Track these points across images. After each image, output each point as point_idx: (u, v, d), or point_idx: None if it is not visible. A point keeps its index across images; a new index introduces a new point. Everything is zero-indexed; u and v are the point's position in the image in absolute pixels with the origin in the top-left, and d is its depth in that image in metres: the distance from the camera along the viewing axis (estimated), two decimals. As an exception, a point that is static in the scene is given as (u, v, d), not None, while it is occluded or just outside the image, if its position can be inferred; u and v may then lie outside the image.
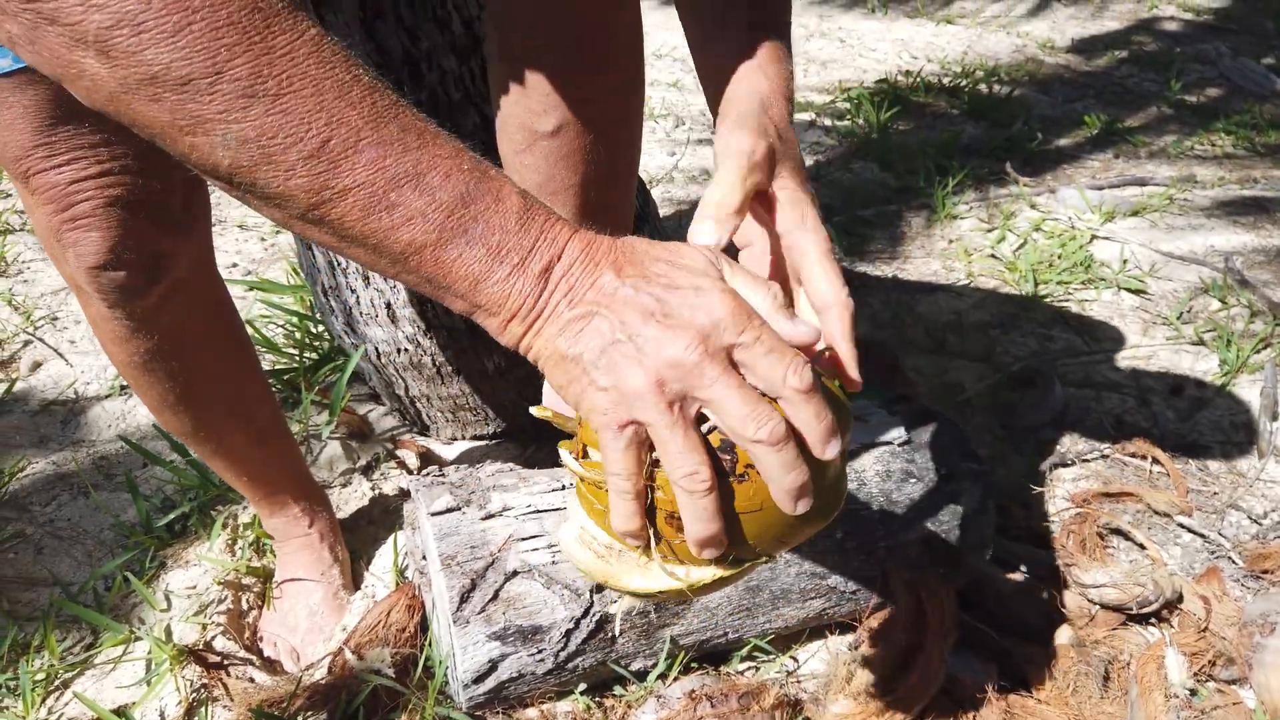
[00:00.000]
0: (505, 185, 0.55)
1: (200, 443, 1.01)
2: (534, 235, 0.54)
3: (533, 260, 0.54)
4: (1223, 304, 1.76)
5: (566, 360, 0.55)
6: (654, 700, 1.00)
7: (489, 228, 0.53)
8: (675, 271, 0.56)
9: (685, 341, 0.53)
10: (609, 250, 0.56)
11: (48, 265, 1.83)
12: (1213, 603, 1.11)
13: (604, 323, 0.54)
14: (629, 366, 0.54)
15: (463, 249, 0.53)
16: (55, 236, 0.79)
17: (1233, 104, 2.70)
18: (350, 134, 0.50)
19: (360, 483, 1.34)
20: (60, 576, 1.20)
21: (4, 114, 0.72)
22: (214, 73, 0.47)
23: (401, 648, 1.04)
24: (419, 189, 0.52)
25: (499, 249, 0.54)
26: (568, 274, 0.55)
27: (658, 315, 0.54)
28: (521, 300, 0.54)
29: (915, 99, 2.66)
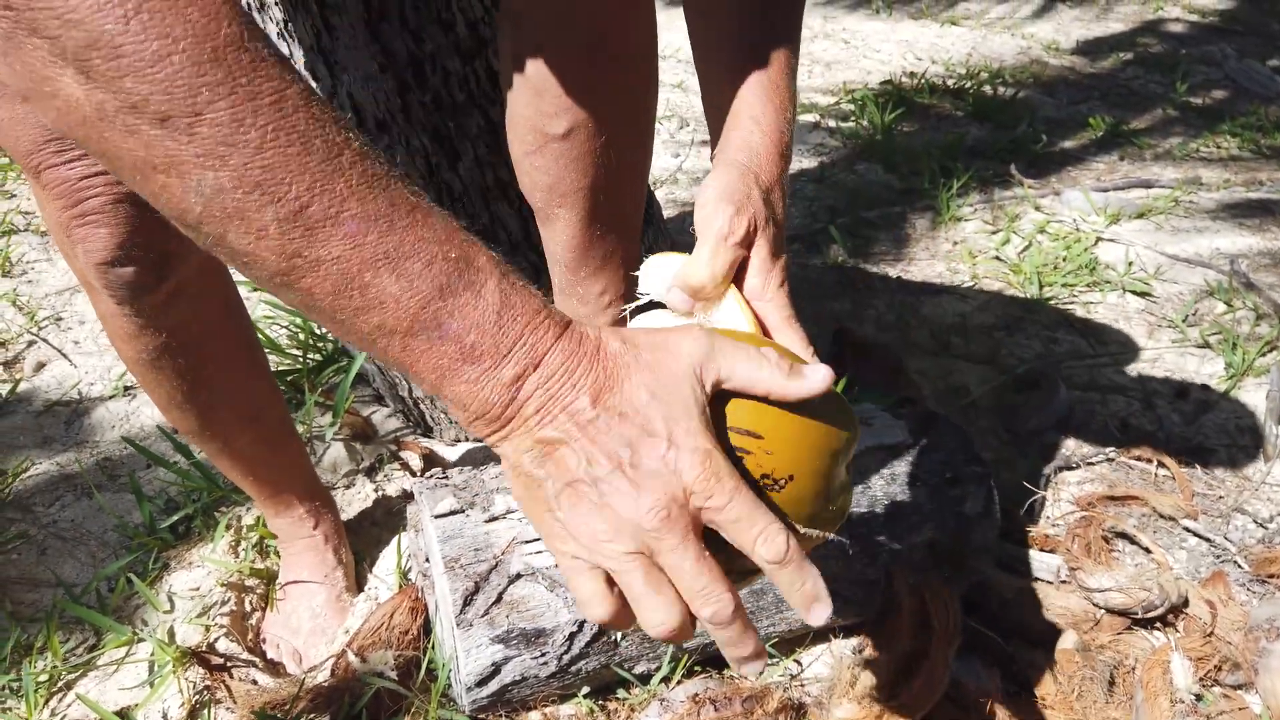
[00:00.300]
0: (491, 279, 0.51)
1: (207, 441, 1.01)
2: (511, 339, 0.51)
3: (505, 366, 0.51)
4: (1228, 307, 1.76)
5: (529, 478, 0.54)
6: (657, 704, 1.00)
7: (464, 325, 0.50)
8: (655, 409, 0.52)
9: (649, 505, 0.51)
10: (591, 366, 0.53)
11: (52, 266, 1.83)
12: (1218, 607, 1.11)
13: (572, 456, 0.52)
14: (589, 513, 0.52)
15: (433, 342, 0.50)
16: (65, 232, 0.79)
17: (1238, 106, 2.70)
18: (333, 203, 0.47)
19: (363, 484, 1.34)
20: (63, 578, 1.20)
21: (17, 109, 0.72)
22: (194, 113, 0.44)
23: (404, 650, 1.04)
24: (396, 274, 0.48)
25: (472, 349, 0.51)
26: (543, 387, 0.52)
27: (626, 466, 0.52)
28: (489, 406, 0.52)
29: (920, 100, 2.66)
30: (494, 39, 1.16)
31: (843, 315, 1.71)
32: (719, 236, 0.66)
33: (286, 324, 1.58)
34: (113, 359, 1.58)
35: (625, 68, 0.90)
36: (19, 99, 0.71)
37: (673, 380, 0.53)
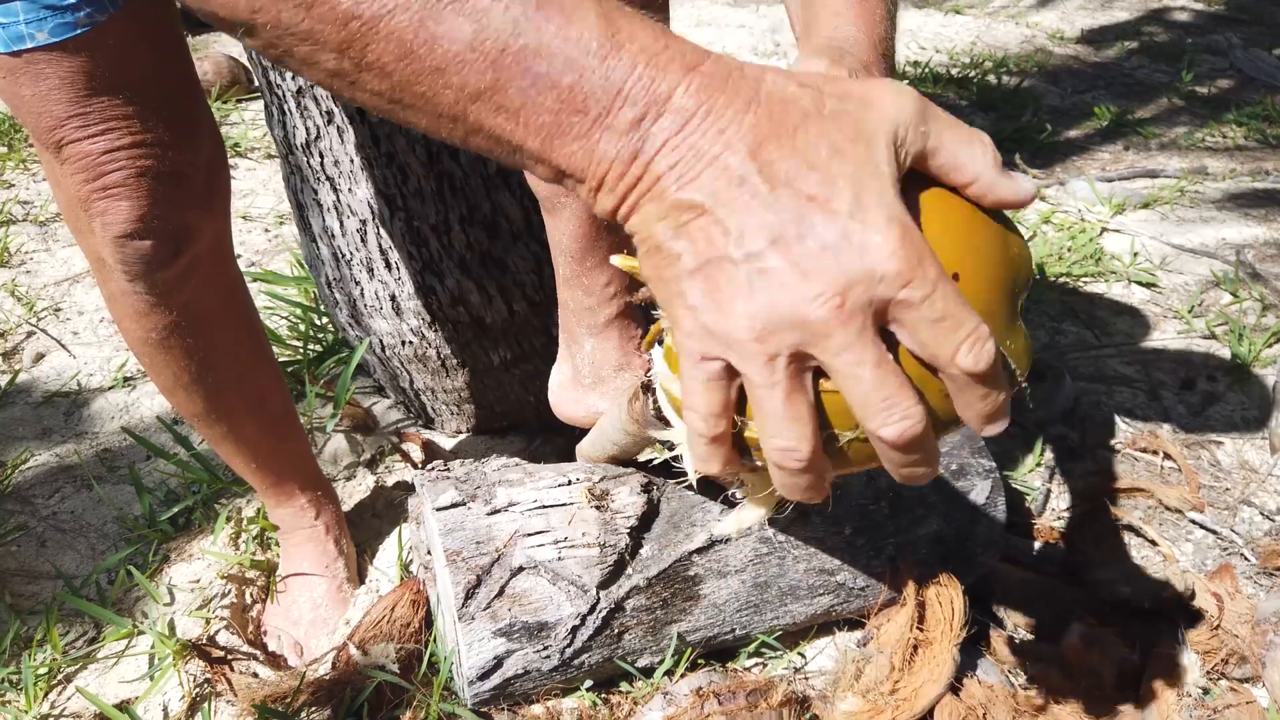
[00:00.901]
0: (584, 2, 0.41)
1: (211, 425, 1.01)
2: (621, 73, 0.41)
3: (621, 109, 0.41)
4: (1234, 297, 1.75)
5: (660, 253, 0.43)
6: (661, 697, 0.99)
7: (556, 64, 0.41)
8: (838, 167, 0.40)
9: (817, 290, 0.40)
10: (746, 109, 0.41)
11: (51, 256, 1.82)
12: (1225, 600, 1.10)
13: (717, 227, 0.41)
14: (732, 300, 0.41)
15: (526, 94, 0.41)
16: (84, 206, 0.80)
17: (1244, 95, 2.68)
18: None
19: (364, 476, 1.33)
20: (63, 570, 1.19)
21: (41, 85, 0.73)
22: None
23: (406, 643, 1.03)
24: (462, 12, 0.40)
25: (572, 92, 0.41)
26: (678, 134, 0.41)
27: (790, 239, 0.40)
28: (608, 165, 0.42)
29: (923, 89, 2.64)
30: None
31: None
32: None
33: (286, 315, 1.57)
34: (112, 350, 1.58)
35: None
36: (44, 74, 0.72)
37: (864, 138, 0.42)
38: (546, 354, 1.24)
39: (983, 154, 0.45)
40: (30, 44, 0.70)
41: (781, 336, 0.41)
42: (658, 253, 0.43)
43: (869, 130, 0.42)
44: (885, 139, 0.42)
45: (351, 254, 1.23)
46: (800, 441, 0.43)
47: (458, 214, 1.20)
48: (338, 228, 1.22)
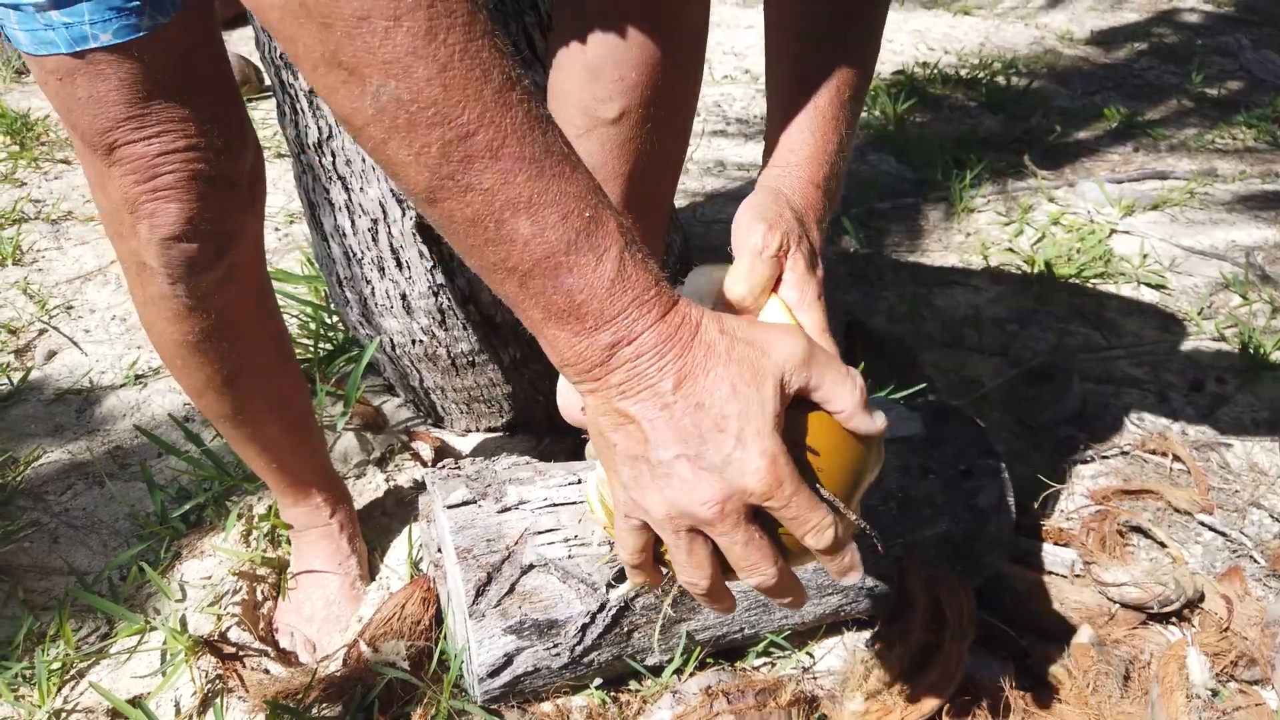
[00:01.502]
0: (614, 246, 0.53)
1: (236, 426, 1.02)
2: (616, 310, 0.53)
3: (604, 332, 0.53)
4: (1244, 299, 1.74)
5: (602, 437, 0.57)
6: (670, 696, 0.99)
7: (578, 283, 0.52)
8: (732, 404, 0.54)
9: (705, 497, 0.54)
10: (683, 352, 0.54)
11: (63, 254, 1.83)
12: (1235, 602, 1.10)
13: (641, 435, 0.55)
14: (649, 489, 0.56)
15: (547, 290, 0.52)
16: (131, 208, 0.80)
17: (1254, 97, 2.68)
18: (497, 136, 0.48)
19: (374, 474, 1.33)
20: (76, 566, 1.20)
21: (99, 85, 0.73)
22: (393, 16, 0.45)
23: (416, 640, 1.03)
24: (533, 219, 0.50)
25: (579, 307, 0.52)
26: (632, 361, 0.54)
27: (690, 455, 0.54)
28: (581, 360, 0.54)
29: (932, 91, 2.64)
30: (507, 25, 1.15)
31: (855, 307, 1.70)
32: (754, 251, 0.68)
33: (297, 313, 1.58)
34: (124, 347, 1.58)
35: (681, 53, 0.91)
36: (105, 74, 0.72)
37: (757, 378, 0.55)
38: (556, 353, 1.25)
39: (850, 393, 0.58)
40: (93, 44, 0.70)
41: (681, 519, 0.56)
42: (600, 436, 0.58)
43: (762, 374, 0.55)
44: (773, 381, 0.55)
45: (363, 253, 1.24)
46: (700, 579, 0.59)
47: (469, 214, 1.21)
48: (349, 226, 1.22)
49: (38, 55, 0.72)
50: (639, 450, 0.55)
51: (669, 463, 0.55)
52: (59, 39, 0.70)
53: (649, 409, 0.54)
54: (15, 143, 2.20)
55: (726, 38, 3.07)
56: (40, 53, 0.71)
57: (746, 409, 0.54)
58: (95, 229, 1.90)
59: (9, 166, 2.11)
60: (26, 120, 2.25)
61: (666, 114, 0.93)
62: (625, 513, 0.59)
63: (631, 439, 0.55)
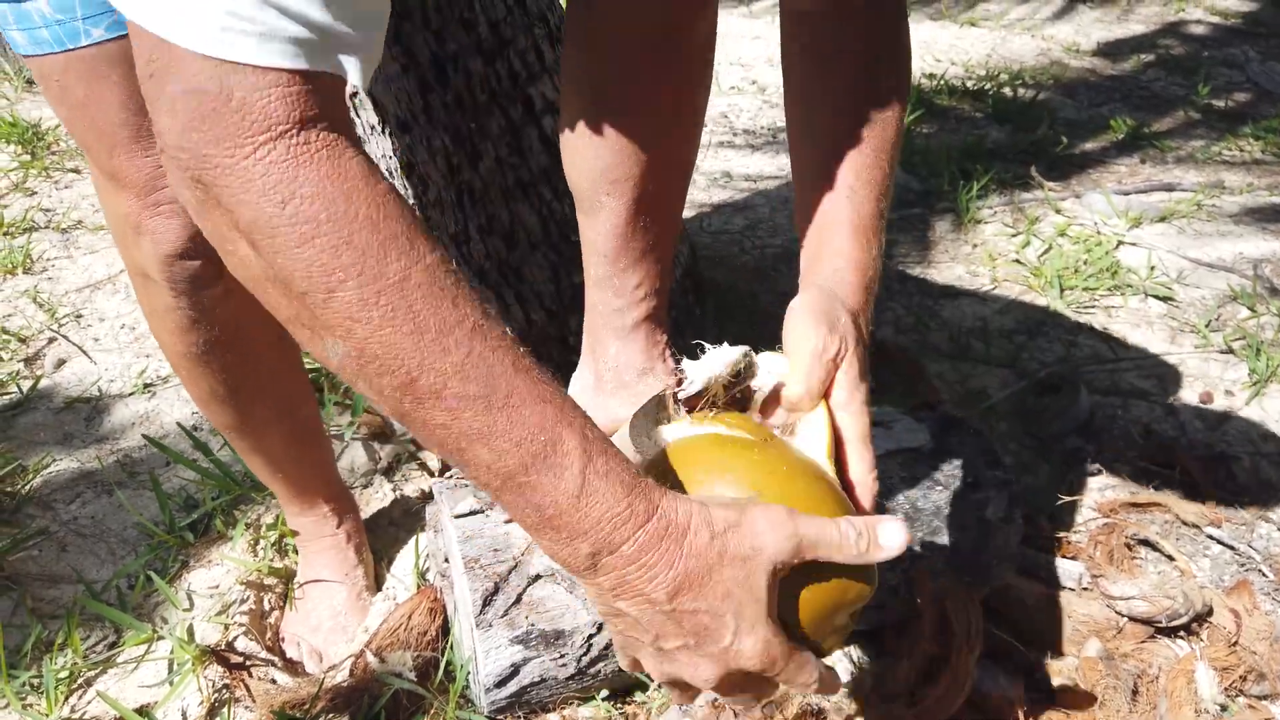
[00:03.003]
0: (575, 464, 0.56)
1: (243, 437, 1.02)
2: (590, 521, 0.56)
3: (582, 542, 0.56)
4: (1252, 312, 1.74)
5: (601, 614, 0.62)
6: (676, 708, 0.99)
7: (544, 500, 0.56)
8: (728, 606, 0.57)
9: (706, 676, 0.59)
10: (671, 562, 0.56)
11: (73, 263, 1.84)
12: (1243, 616, 1.10)
13: (638, 629, 0.59)
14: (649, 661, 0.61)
15: (519, 504, 0.56)
16: (134, 224, 0.80)
17: (1261, 109, 2.67)
18: (437, 381, 0.53)
19: (381, 484, 1.34)
20: (84, 574, 1.20)
21: (95, 86, 0.72)
22: (327, 290, 0.50)
23: (423, 651, 1.03)
24: (489, 447, 0.54)
25: (550, 521, 0.56)
26: (618, 571, 0.57)
27: (691, 646, 0.58)
28: (567, 564, 0.58)
29: (939, 102, 2.64)
30: (515, 39, 1.16)
31: (862, 318, 1.70)
32: (815, 354, 0.69)
33: (305, 323, 1.58)
34: (133, 356, 1.59)
35: (688, 58, 0.91)
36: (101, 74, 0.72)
37: (750, 578, 0.58)
38: (563, 363, 1.25)
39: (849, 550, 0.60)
40: (86, 40, 0.69)
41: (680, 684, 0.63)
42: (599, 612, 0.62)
43: (755, 573, 0.58)
44: (766, 577, 0.58)
45: (371, 263, 1.24)
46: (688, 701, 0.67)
47: (477, 224, 1.21)
48: (358, 237, 1.22)
49: (35, 56, 0.71)
50: (638, 636, 0.60)
51: (671, 651, 0.59)
52: (50, 37, 0.69)
53: (645, 612, 0.58)
54: (26, 152, 2.21)
55: (733, 48, 3.07)
56: (36, 52, 0.70)
57: (741, 608, 0.57)
58: (105, 238, 1.91)
59: (20, 175, 2.12)
60: (38, 130, 2.26)
61: (676, 118, 0.94)
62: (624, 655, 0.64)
63: (632, 629, 0.59)
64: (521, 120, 1.18)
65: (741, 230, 2.00)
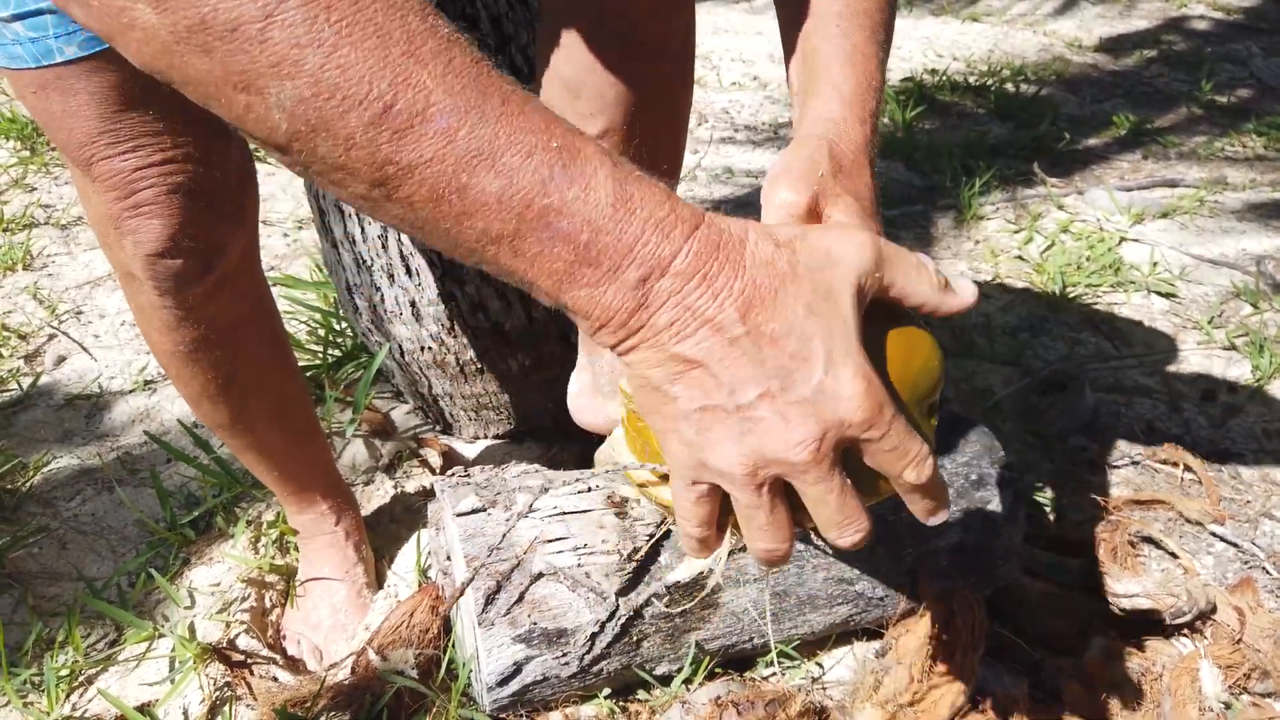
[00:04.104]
0: (601, 168, 0.46)
1: (236, 435, 1.01)
2: (631, 236, 0.46)
3: (628, 267, 0.46)
4: (1255, 308, 1.74)
5: (658, 393, 0.49)
6: (679, 706, 0.99)
7: (575, 222, 0.45)
8: (812, 326, 0.48)
9: (799, 438, 0.48)
10: (736, 274, 0.47)
11: (73, 260, 1.83)
12: (1247, 614, 1.09)
13: (711, 380, 0.48)
14: (724, 442, 0.49)
15: (544, 244, 0.46)
16: (114, 224, 0.79)
17: (1264, 105, 2.67)
18: (419, 98, 0.43)
19: (383, 481, 1.33)
20: (84, 572, 1.20)
21: (70, 100, 0.72)
22: (264, 16, 0.41)
23: (425, 649, 1.03)
24: (494, 169, 0.44)
25: (587, 248, 0.46)
26: (676, 294, 0.47)
27: (775, 392, 0.47)
28: (613, 312, 0.47)
29: (941, 98, 2.64)
30: (518, 35, 1.15)
31: (864, 314, 1.70)
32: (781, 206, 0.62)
33: (305, 319, 1.58)
34: (133, 353, 1.59)
35: (661, 65, 0.89)
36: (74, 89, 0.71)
37: (833, 292, 0.49)
38: (565, 361, 1.25)
39: (929, 281, 0.54)
40: (59, 58, 0.69)
41: (768, 470, 0.49)
42: (655, 392, 0.50)
43: (837, 287, 0.49)
44: (850, 291, 0.50)
45: (372, 260, 1.24)
46: (781, 543, 0.52)
47: (479, 221, 1.21)
48: (359, 233, 1.22)
49: (11, 69, 0.71)
50: (709, 398, 0.48)
51: (751, 405, 0.47)
52: (25, 54, 0.69)
53: (715, 347, 0.47)
54: (26, 148, 2.21)
55: (735, 44, 3.07)
56: (12, 67, 0.70)
57: (830, 331, 0.48)
58: (105, 234, 1.91)
59: (19, 172, 2.11)
60: (36, 126, 2.26)
61: (655, 127, 0.91)
62: (692, 479, 0.51)
63: (698, 386, 0.48)
64: (523, 116, 1.18)
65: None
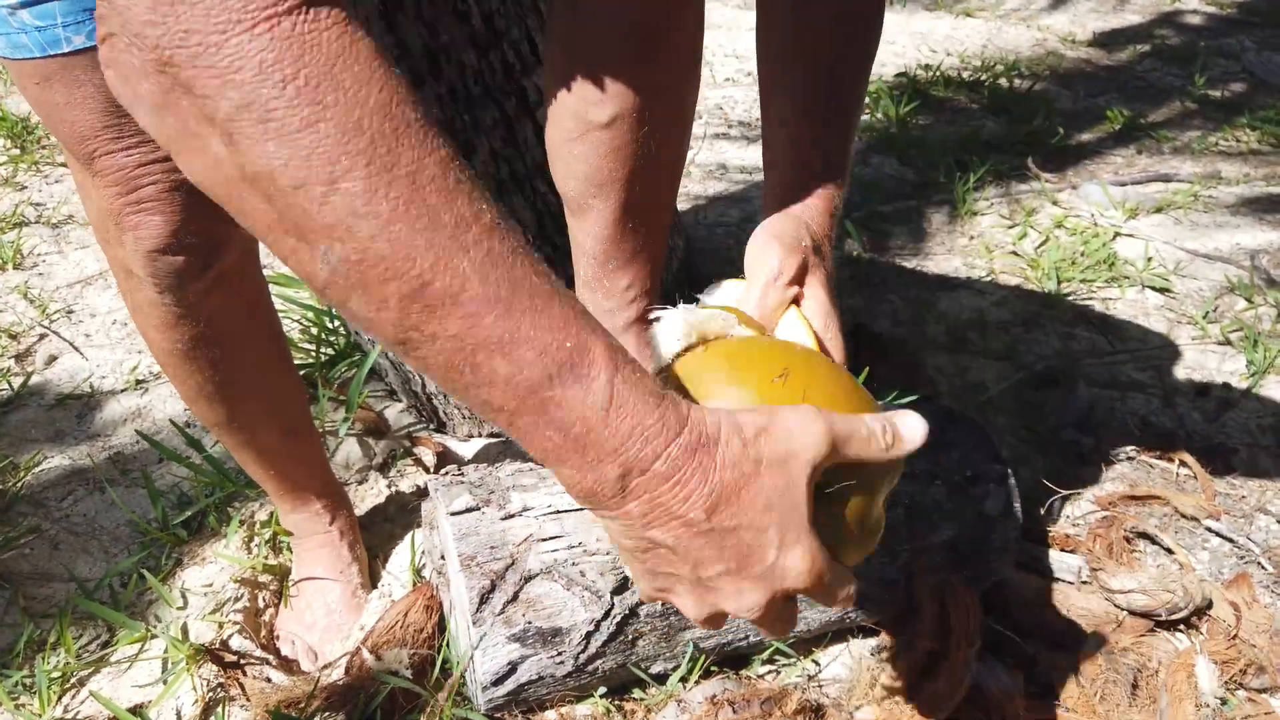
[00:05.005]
0: (603, 372, 0.50)
1: (231, 434, 1.01)
2: (618, 440, 0.50)
3: (610, 465, 0.51)
4: (1249, 303, 1.74)
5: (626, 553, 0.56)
6: (674, 704, 0.99)
7: (569, 416, 0.50)
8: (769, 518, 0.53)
9: (751, 603, 0.55)
10: (705, 477, 0.52)
11: (63, 258, 1.82)
12: (1243, 609, 1.09)
13: (675, 558, 0.54)
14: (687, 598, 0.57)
15: (539, 426, 0.50)
16: (115, 220, 0.79)
17: (1258, 99, 2.67)
18: (455, 282, 0.46)
19: (377, 480, 1.33)
20: (76, 573, 1.19)
21: (75, 92, 0.71)
22: (329, 181, 0.44)
23: (419, 648, 1.03)
24: (508, 358, 0.48)
25: (576, 440, 0.50)
26: (650, 492, 0.52)
27: (733, 571, 0.54)
28: (593, 493, 0.52)
29: (934, 93, 2.63)
30: (509, 30, 1.14)
31: (858, 311, 1.70)
32: (770, 276, 0.68)
33: (299, 318, 1.57)
34: (124, 352, 1.58)
35: (674, 58, 0.89)
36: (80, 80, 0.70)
37: (789, 487, 0.54)
38: (559, 359, 1.24)
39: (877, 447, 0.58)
40: (66, 48, 0.68)
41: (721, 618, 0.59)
42: (625, 551, 0.57)
43: (794, 478, 0.54)
44: (805, 480, 0.54)
45: (365, 258, 1.23)
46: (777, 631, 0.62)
47: (471, 218, 1.20)
48: (351, 232, 1.21)
49: (13, 59, 0.70)
50: (675, 570, 0.55)
51: (712, 579, 0.54)
52: (31, 43, 0.68)
53: (682, 537, 0.53)
54: (16, 146, 2.19)
55: (728, 40, 3.06)
56: (15, 56, 0.70)
57: (784, 519, 0.54)
58: (96, 233, 1.90)
59: (9, 170, 2.10)
60: (27, 124, 2.24)
61: (663, 119, 0.91)
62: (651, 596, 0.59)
63: (666, 562, 0.55)
64: (516, 113, 1.17)
65: (737, 223, 1.99)
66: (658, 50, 0.87)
